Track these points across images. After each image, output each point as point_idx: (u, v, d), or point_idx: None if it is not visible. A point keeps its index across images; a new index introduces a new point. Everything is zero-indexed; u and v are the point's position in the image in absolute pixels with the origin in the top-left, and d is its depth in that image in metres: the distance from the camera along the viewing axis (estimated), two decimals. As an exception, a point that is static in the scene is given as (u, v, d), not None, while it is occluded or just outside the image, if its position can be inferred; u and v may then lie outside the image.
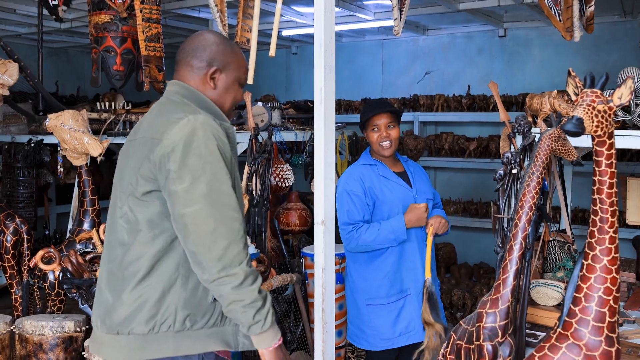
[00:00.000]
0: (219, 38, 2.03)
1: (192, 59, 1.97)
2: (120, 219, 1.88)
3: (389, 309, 3.02)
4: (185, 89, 1.96)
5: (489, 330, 2.18)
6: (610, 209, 1.79)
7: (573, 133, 1.66)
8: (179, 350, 1.84)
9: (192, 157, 1.76)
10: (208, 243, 1.74)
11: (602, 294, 1.82)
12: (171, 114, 1.85)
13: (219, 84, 2.00)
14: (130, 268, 1.84)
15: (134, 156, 1.89)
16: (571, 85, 1.79)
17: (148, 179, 1.83)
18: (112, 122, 4.05)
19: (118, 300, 1.85)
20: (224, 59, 2.00)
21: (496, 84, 2.86)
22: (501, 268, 2.22)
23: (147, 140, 1.85)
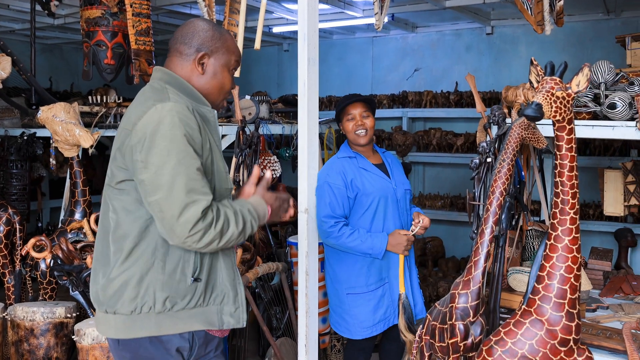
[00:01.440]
0: (208, 24, 2.07)
1: (181, 45, 2.02)
2: (107, 206, 1.97)
3: (368, 297, 3.09)
4: (167, 75, 2.00)
5: (461, 311, 2.28)
6: (570, 191, 1.89)
7: (532, 117, 1.75)
8: (161, 330, 1.91)
9: (156, 146, 1.81)
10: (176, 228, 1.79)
11: (563, 272, 1.92)
12: (144, 103, 1.91)
13: (207, 69, 2.03)
14: (113, 252, 1.93)
15: (114, 147, 1.97)
16: (533, 73, 1.89)
17: (120, 169, 1.91)
18: (104, 115, 4.14)
19: (107, 280, 1.93)
20: (213, 44, 2.03)
21: (473, 76, 2.96)
22: (473, 251, 2.32)
23: (122, 131, 1.93)
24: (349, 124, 3.14)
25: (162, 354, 1.93)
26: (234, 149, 3.79)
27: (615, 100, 2.57)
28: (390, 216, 3.11)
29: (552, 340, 1.93)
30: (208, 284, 1.98)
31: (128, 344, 1.93)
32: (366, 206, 3.08)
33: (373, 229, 3.08)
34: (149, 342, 1.92)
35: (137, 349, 1.93)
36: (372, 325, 3.10)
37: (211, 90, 2.07)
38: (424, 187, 6.76)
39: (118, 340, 1.95)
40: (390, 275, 3.12)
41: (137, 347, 1.92)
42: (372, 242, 3.01)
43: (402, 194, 3.19)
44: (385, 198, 3.09)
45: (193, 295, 1.95)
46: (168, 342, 1.93)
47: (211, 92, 2.08)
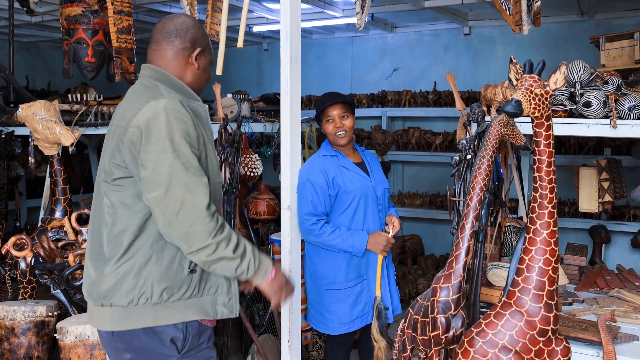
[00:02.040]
0: (194, 21, 2.12)
1: (176, 39, 2.04)
2: (102, 201, 1.99)
3: (347, 293, 3.13)
4: (157, 72, 2.03)
5: (442, 304, 2.33)
6: (549, 185, 1.95)
7: (512, 114, 1.81)
8: (157, 321, 1.94)
9: (153, 143, 1.84)
10: (174, 224, 1.84)
11: (542, 264, 1.98)
12: (137, 100, 1.94)
13: (200, 64, 2.09)
14: (111, 246, 1.95)
15: (108, 144, 1.99)
16: (512, 71, 1.94)
17: (118, 167, 1.92)
18: (84, 113, 4.12)
19: (100, 276, 1.95)
20: (203, 42, 2.10)
21: (452, 75, 3.01)
22: (454, 245, 2.37)
23: (117, 128, 1.95)
24: (329, 126, 3.17)
25: (157, 345, 1.96)
26: (216, 147, 3.80)
27: (591, 99, 2.64)
28: (370, 214, 3.16)
29: (531, 331, 1.99)
30: (203, 275, 2.01)
31: (122, 336, 1.95)
32: (347, 204, 3.12)
33: (353, 226, 3.12)
34: (144, 333, 1.94)
35: (131, 340, 1.95)
36: (350, 321, 3.14)
37: (200, 85, 2.14)
38: (403, 185, 6.83)
39: (112, 332, 1.97)
40: (369, 273, 3.16)
41: (132, 338, 1.95)
42: (353, 241, 3.05)
43: (382, 193, 3.24)
44: (366, 196, 3.14)
45: (189, 286, 1.98)
46: (162, 332, 1.95)
47: (199, 87, 2.14)
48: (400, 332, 2.57)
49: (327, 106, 3.16)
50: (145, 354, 1.97)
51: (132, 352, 1.97)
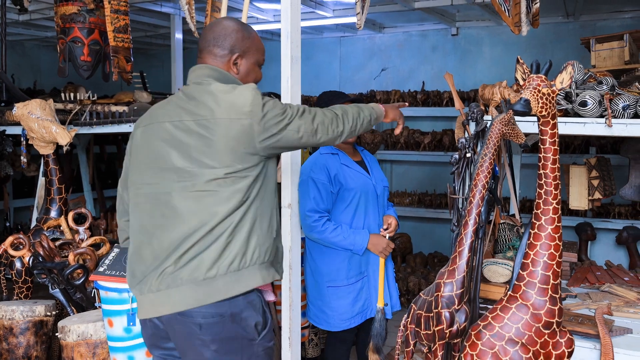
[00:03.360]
0: (237, 25, 2.17)
1: (214, 48, 2.13)
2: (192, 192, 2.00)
3: (348, 290, 3.17)
4: (216, 71, 2.12)
5: (446, 299, 2.38)
6: (553, 182, 2.01)
7: (521, 112, 1.86)
8: (265, 279, 2.05)
9: (267, 106, 1.99)
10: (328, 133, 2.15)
11: (546, 259, 2.04)
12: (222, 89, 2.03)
13: (241, 68, 2.17)
14: (222, 226, 1.98)
15: (211, 136, 1.99)
16: (519, 71, 2.00)
17: (240, 157, 1.99)
18: (78, 112, 4.10)
19: (214, 247, 1.98)
20: (244, 45, 2.16)
21: (451, 75, 3.07)
22: (457, 242, 2.42)
23: (222, 121, 1.98)
24: None
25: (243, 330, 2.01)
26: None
27: (586, 99, 2.71)
28: (370, 211, 3.20)
29: (537, 324, 2.05)
30: (278, 241, 2.19)
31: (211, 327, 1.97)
32: (348, 201, 3.16)
33: (354, 223, 3.17)
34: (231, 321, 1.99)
35: (219, 331, 1.98)
36: (350, 317, 3.19)
37: None
38: (392, 184, 6.90)
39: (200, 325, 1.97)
40: (369, 270, 3.22)
41: (221, 328, 1.98)
42: (354, 239, 3.09)
43: (381, 191, 3.29)
44: (366, 194, 3.19)
45: (272, 248, 2.13)
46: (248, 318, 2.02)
47: None
48: (403, 327, 2.61)
49: (343, 102, 3.20)
50: (230, 343, 2.00)
51: (218, 343, 1.99)
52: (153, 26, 6.39)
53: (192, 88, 2.10)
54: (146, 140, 2.12)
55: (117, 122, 3.93)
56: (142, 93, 4.35)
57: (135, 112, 3.94)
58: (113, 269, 2.74)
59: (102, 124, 4.00)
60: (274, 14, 5.84)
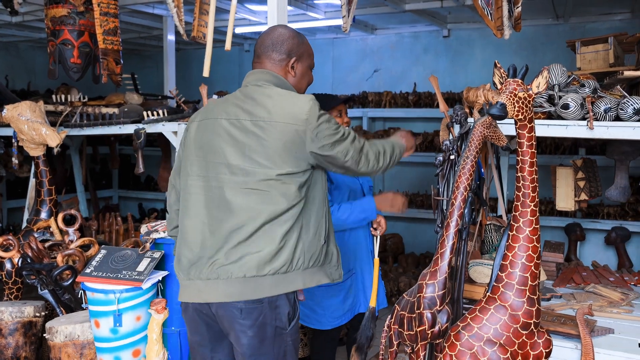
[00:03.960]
0: (291, 32, 2.34)
1: (273, 52, 2.28)
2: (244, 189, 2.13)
3: (339, 288, 3.20)
4: (273, 76, 2.26)
5: (428, 300, 2.41)
6: (531, 185, 2.04)
7: (497, 116, 1.89)
8: (306, 283, 2.20)
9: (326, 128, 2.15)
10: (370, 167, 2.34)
11: (524, 260, 2.07)
12: (284, 96, 2.18)
13: (297, 72, 2.33)
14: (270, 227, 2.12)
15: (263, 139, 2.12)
16: (497, 75, 2.03)
17: (294, 160, 2.13)
18: (69, 114, 4.12)
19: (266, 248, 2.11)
20: (299, 50, 2.32)
21: (436, 77, 3.10)
22: (439, 243, 2.45)
23: (278, 124, 2.11)
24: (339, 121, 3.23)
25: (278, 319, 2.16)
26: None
27: (569, 101, 2.74)
28: None
29: (515, 324, 2.08)
30: (327, 245, 2.30)
31: (252, 312, 2.12)
32: (337, 200, 3.20)
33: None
34: (269, 309, 2.13)
35: (258, 316, 2.12)
36: (341, 315, 3.22)
37: (300, 89, 2.38)
38: (384, 184, 6.93)
39: (242, 309, 2.11)
40: (356, 267, 3.26)
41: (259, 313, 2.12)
42: (362, 206, 3.11)
43: (367, 190, 3.34)
44: (355, 193, 3.23)
45: (320, 254, 2.25)
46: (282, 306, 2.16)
47: (300, 90, 2.37)
48: (387, 328, 2.64)
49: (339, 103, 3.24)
50: (265, 329, 2.15)
51: (256, 328, 2.13)
52: (146, 28, 6.41)
53: (251, 89, 2.23)
54: (201, 134, 2.25)
55: (107, 124, 3.95)
56: (133, 94, 4.37)
57: (126, 114, 3.96)
58: (100, 271, 2.76)
59: (92, 126, 4.02)
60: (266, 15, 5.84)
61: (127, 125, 3.91)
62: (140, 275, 2.72)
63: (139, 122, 3.87)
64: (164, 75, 5.96)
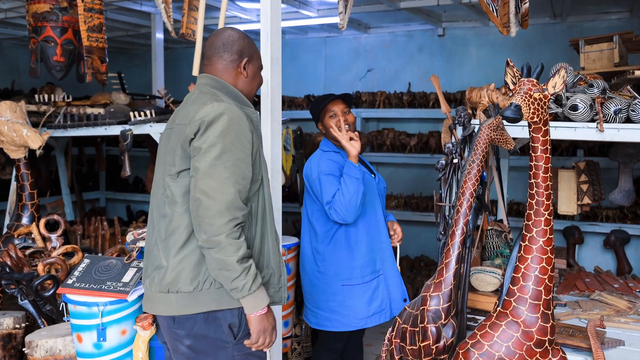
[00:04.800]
0: (240, 33, 2.29)
1: (224, 53, 2.24)
2: (162, 195, 2.15)
3: (363, 289, 3.08)
4: (214, 80, 2.22)
5: (432, 313, 2.27)
6: (545, 192, 1.90)
7: (512, 119, 1.75)
8: (220, 304, 2.08)
9: (208, 136, 2.00)
10: (198, 211, 2.00)
11: (538, 273, 1.93)
12: (199, 102, 2.11)
13: (249, 72, 2.28)
14: (172, 237, 2.10)
15: (171, 142, 2.14)
16: (509, 74, 1.89)
17: (183, 159, 2.08)
18: (52, 114, 3.95)
19: (165, 264, 2.10)
20: (250, 51, 2.28)
21: (437, 77, 2.97)
22: (444, 253, 2.31)
23: (180, 127, 2.10)
24: (332, 121, 3.10)
25: (216, 331, 2.09)
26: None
27: (577, 102, 2.61)
28: (378, 210, 3.15)
29: (528, 342, 1.94)
30: (258, 264, 2.14)
31: (184, 322, 2.09)
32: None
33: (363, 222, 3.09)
34: (204, 320, 2.08)
35: (192, 327, 2.09)
36: (367, 317, 3.09)
37: (250, 91, 2.32)
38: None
39: (174, 318, 2.10)
40: (385, 267, 3.13)
41: (193, 324, 2.08)
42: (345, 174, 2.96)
43: (382, 190, 3.26)
44: (373, 194, 3.13)
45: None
46: (222, 318, 2.08)
47: (250, 92, 2.32)
48: (387, 342, 2.50)
49: (328, 102, 3.11)
50: (204, 340, 2.10)
51: (192, 338, 2.10)
52: (134, 25, 6.24)
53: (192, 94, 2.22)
54: (163, 142, 2.27)
55: (92, 125, 3.79)
56: (119, 94, 4.20)
57: (112, 114, 3.80)
58: (82, 281, 2.60)
59: (76, 127, 3.85)
60: (257, 13, 5.71)
61: (113, 127, 3.75)
62: (126, 286, 2.56)
63: (125, 123, 3.71)
64: (152, 74, 5.79)
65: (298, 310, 3.79)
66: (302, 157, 4.82)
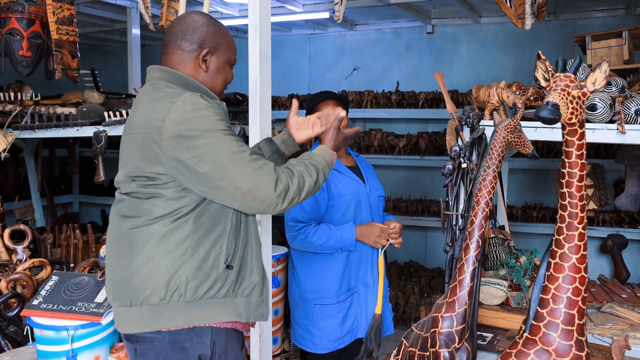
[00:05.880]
0: (207, 19, 1.97)
1: (182, 42, 1.93)
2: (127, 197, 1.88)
3: (337, 308, 2.88)
4: (168, 73, 1.91)
5: (445, 336, 2.04)
6: (580, 203, 1.67)
7: (549, 120, 1.52)
8: (190, 321, 1.81)
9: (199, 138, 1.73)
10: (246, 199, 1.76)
11: (570, 294, 1.70)
12: (159, 103, 1.81)
13: (210, 66, 1.97)
14: (139, 239, 1.82)
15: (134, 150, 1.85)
16: (540, 69, 1.65)
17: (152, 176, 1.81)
18: (19, 114, 3.65)
19: (128, 272, 1.82)
20: (215, 41, 1.96)
21: (442, 74, 2.74)
22: (457, 269, 2.08)
23: (145, 136, 1.80)
24: None
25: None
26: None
27: (596, 102, 2.40)
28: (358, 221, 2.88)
29: (561, 373, 1.71)
30: (239, 273, 1.88)
31: (146, 355, 1.83)
32: (340, 211, 2.85)
33: None
34: (170, 350, 1.81)
35: (157, 356, 1.82)
36: (339, 338, 2.88)
37: (213, 87, 2.00)
38: (364, 190, 6.56)
39: (136, 349, 1.84)
40: (359, 284, 2.92)
41: (158, 354, 1.82)
42: (340, 234, 2.78)
43: (376, 200, 2.98)
44: (359, 203, 2.87)
45: (224, 284, 1.85)
46: (191, 349, 1.82)
47: (212, 89, 2.00)
48: (392, 366, 2.27)
49: (320, 100, 2.90)
50: None
51: None
52: (109, 20, 5.92)
53: (142, 90, 1.94)
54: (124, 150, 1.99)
55: (62, 126, 3.49)
56: (92, 93, 3.89)
57: (84, 114, 3.51)
58: (50, 302, 2.31)
59: (45, 128, 3.55)
60: (240, 8, 5.43)
61: (86, 127, 3.46)
62: (99, 307, 2.28)
63: (99, 124, 3.43)
64: (128, 72, 5.48)
65: (286, 324, 3.55)
66: (289, 159, 4.56)
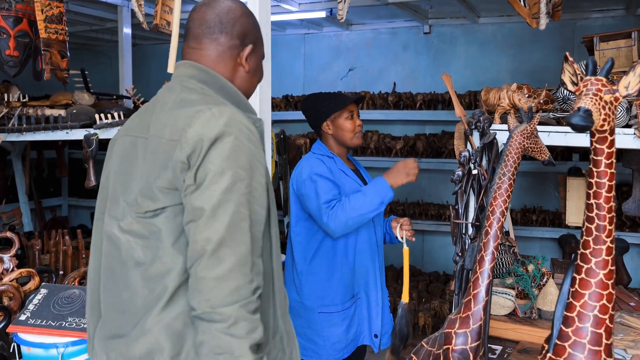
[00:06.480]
0: (244, 8, 1.63)
1: (221, 35, 1.57)
2: (125, 234, 1.48)
3: (342, 316, 2.80)
4: (203, 72, 1.55)
5: (458, 353, 1.93)
6: (608, 215, 1.57)
7: (581, 127, 1.42)
8: None
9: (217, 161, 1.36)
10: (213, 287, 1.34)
11: (598, 312, 1.60)
12: (189, 106, 1.45)
13: (251, 65, 1.63)
14: (153, 290, 1.43)
15: (147, 161, 1.47)
16: (567, 72, 1.55)
17: (167, 192, 1.42)
18: (5, 116, 3.51)
19: (136, 331, 1.44)
20: (255, 34, 1.63)
21: (449, 75, 2.63)
22: (471, 282, 1.97)
23: (162, 142, 1.44)
24: (349, 123, 2.88)
25: None
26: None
27: (612, 105, 2.30)
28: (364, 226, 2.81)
29: (589, 397, 1.61)
30: (267, 332, 1.47)
31: None
32: None
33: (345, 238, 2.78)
34: None
35: None
36: (344, 347, 2.81)
37: (249, 90, 1.67)
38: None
39: None
40: (361, 292, 2.84)
41: None
42: (372, 187, 2.68)
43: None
44: None
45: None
46: None
47: (248, 92, 1.67)
48: (400, 383, 2.16)
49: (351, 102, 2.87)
50: None
51: None
52: (99, 19, 5.78)
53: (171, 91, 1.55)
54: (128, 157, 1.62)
55: (51, 128, 3.35)
56: (82, 94, 3.75)
57: (74, 117, 3.37)
58: (38, 317, 2.18)
59: (34, 130, 3.41)
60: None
61: (76, 130, 3.32)
62: (91, 323, 2.15)
63: (90, 127, 3.29)
64: (119, 72, 5.34)
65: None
66: (286, 162, 4.45)
